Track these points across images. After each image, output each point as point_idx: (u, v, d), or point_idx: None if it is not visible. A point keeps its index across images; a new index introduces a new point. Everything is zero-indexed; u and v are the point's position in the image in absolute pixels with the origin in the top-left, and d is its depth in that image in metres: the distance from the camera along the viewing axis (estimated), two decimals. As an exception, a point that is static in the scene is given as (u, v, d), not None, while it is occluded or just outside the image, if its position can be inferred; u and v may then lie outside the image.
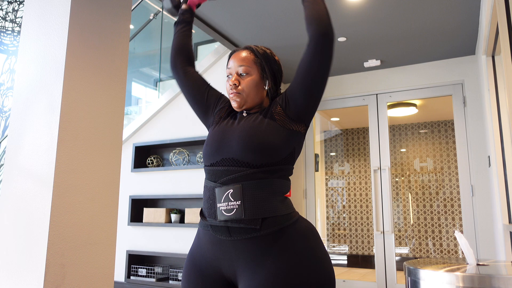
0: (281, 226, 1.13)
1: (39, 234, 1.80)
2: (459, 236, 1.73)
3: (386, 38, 3.80)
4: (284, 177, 1.21)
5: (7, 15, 4.45)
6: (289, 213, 1.16)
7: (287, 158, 1.20)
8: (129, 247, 4.14)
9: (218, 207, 1.16)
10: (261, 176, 1.15)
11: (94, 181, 2.02)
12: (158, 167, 4.22)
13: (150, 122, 4.33)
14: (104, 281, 2.02)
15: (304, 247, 1.12)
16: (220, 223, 1.15)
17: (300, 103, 1.21)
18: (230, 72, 1.30)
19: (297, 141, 1.23)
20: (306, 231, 1.16)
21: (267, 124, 1.20)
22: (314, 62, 1.18)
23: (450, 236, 5.71)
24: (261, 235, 1.11)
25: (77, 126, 1.96)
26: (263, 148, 1.16)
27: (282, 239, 1.12)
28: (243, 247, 1.12)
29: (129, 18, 2.32)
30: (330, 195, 6.56)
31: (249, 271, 1.10)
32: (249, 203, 1.12)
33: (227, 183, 1.16)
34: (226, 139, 1.22)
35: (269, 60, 1.30)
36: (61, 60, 1.94)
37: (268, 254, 1.10)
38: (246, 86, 1.25)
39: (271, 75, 1.29)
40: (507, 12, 2.19)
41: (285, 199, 1.19)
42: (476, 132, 4.03)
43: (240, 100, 1.26)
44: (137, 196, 4.19)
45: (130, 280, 4.04)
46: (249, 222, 1.11)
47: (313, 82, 1.18)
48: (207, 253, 1.19)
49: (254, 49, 1.29)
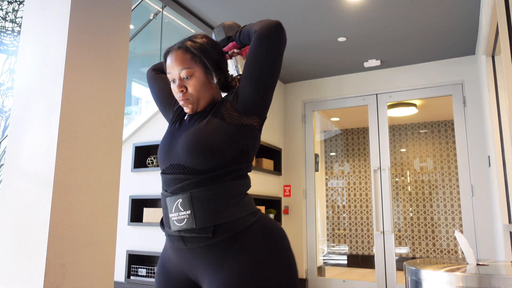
0: (236, 230, 1.09)
1: (39, 234, 1.80)
2: (459, 236, 1.73)
3: (386, 38, 3.80)
4: (239, 178, 1.16)
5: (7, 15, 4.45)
6: (245, 215, 1.12)
7: (237, 157, 1.15)
8: (129, 247, 4.14)
9: (170, 217, 1.14)
10: (209, 182, 1.11)
11: (94, 181, 2.02)
12: (158, 167, 4.22)
13: (150, 122, 4.33)
14: (104, 281, 2.02)
15: (262, 250, 1.09)
16: (174, 232, 1.13)
17: (248, 94, 1.16)
18: (172, 78, 1.21)
19: (249, 136, 1.18)
20: (265, 232, 1.13)
21: (213, 124, 1.16)
22: (257, 55, 1.16)
23: (450, 236, 5.71)
24: (215, 242, 1.09)
25: (77, 126, 1.96)
26: (206, 151, 1.11)
27: (238, 244, 1.09)
28: (199, 255, 1.11)
29: (129, 18, 2.32)
30: (330, 195, 6.56)
31: (208, 277, 1.10)
32: (199, 212, 1.09)
33: (176, 192, 1.13)
34: (173, 143, 1.20)
35: (208, 52, 1.21)
36: (61, 60, 1.94)
37: (224, 260, 1.08)
38: (194, 90, 1.19)
39: (215, 67, 1.22)
40: (507, 12, 2.19)
41: (240, 200, 1.14)
42: (476, 132, 4.03)
43: (192, 106, 1.21)
44: (137, 196, 4.19)
45: (130, 280, 4.04)
46: (201, 231, 1.09)
47: (258, 75, 1.15)
48: (172, 258, 1.20)
49: (189, 46, 1.20)
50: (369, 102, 4.67)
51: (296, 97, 5.05)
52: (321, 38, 3.84)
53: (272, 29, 1.15)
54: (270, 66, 1.16)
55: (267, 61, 1.16)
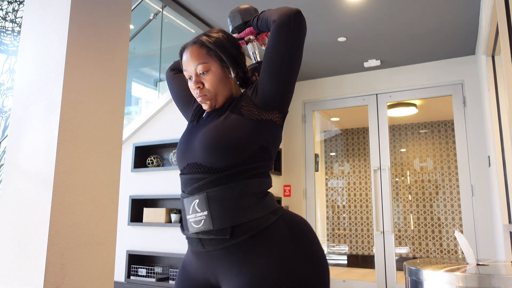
0: (256, 231, 1.04)
1: (39, 234, 1.80)
2: (459, 236, 1.73)
3: (386, 38, 3.80)
4: (259, 176, 1.11)
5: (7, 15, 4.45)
6: (265, 214, 1.07)
7: (257, 154, 1.11)
8: (129, 247, 4.14)
9: (188, 219, 1.10)
10: (227, 181, 1.06)
11: (94, 181, 2.02)
12: (158, 167, 4.22)
13: (150, 122, 4.33)
14: (104, 281, 2.02)
15: (285, 249, 1.04)
16: (193, 235, 1.10)
17: (268, 88, 1.12)
18: (189, 75, 1.18)
19: (270, 131, 1.13)
20: (289, 230, 1.07)
21: (231, 120, 1.12)
22: (277, 46, 1.11)
23: (450, 236, 5.71)
24: (234, 244, 1.04)
25: (77, 126, 1.96)
26: (224, 148, 1.07)
27: (260, 244, 1.04)
28: (219, 258, 1.07)
29: (129, 18, 2.32)
30: (330, 195, 6.56)
31: (229, 280, 1.06)
32: (216, 212, 1.05)
33: (192, 193, 1.09)
34: (191, 141, 1.16)
35: (224, 46, 1.17)
36: (61, 60, 1.94)
37: (245, 262, 1.03)
38: (211, 85, 1.16)
39: (231, 61, 1.17)
40: (507, 12, 2.19)
41: (261, 199, 1.09)
42: (476, 132, 4.03)
43: (210, 102, 1.18)
44: (137, 196, 4.19)
45: (130, 280, 4.04)
46: (218, 233, 1.04)
47: (278, 67, 1.11)
48: (193, 262, 1.16)
49: (205, 40, 1.16)
50: (369, 102, 4.68)
51: (296, 97, 5.05)
52: (321, 38, 3.84)
53: (291, 18, 1.11)
54: (291, 58, 1.11)
55: (287, 53, 1.11)
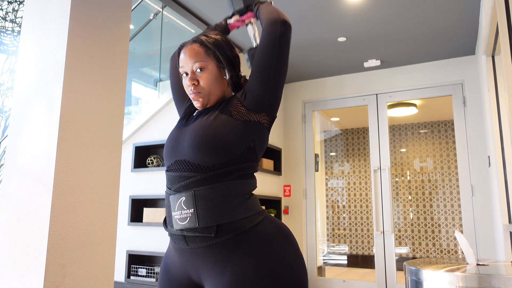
0: (240, 230, 1.07)
1: (39, 234, 1.80)
2: (459, 236, 1.73)
3: (386, 38, 3.80)
4: (244, 177, 1.14)
5: (7, 15, 4.45)
6: (250, 215, 1.10)
7: (244, 155, 1.13)
8: (129, 247, 4.14)
9: (173, 215, 1.12)
10: (214, 180, 1.09)
11: (94, 181, 2.02)
12: (158, 167, 4.22)
13: (150, 122, 4.33)
14: (104, 281, 2.02)
15: (267, 252, 1.06)
16: (177, 231, 1.11)
17: (257, 89, 1.16)
18: (184, 71, 1.21)
19: (257, 133, 1.16)
20: (272, 233, 1.10)
21: (220, 120, 1.14)
22: (265, 51, 1.17)
23: (450, 236, 5.71)
24: (218, 242, 1.06)
25: (77, 126, 1.96)
26: (212, 146, 1.10)
27: (243, 244, 1.07)
28: (202, 255, 1.09)
29: (129, 18, 2.32)
30: (330, 195, 6.56)
31: (212, 278, 1.08)
32: (202, 211, 1.07)
33: (179, 190, 1.11)
34: (179, 139, 1.18)
35: (222, 47, 1.22)
36: (61, 60, 1.94)
37: (227, 261, 1.06)
38: (205, 83, 1.19)
39: (228, 63, 1.22)
40: (507, 12, 2.19)
41: (246, 200, 1.12)
42: (476, 132, 4.03)
43: (203, 100, 1.21)
44: (137, 196, 4.19)
45: (130, 280, 4.04)
46: (203, 230, 1.07)
47: (267, 69, 1.16)
48: (175, 259, 1.18)
49: (204, 40, 1.21)
50: (369, 102, 4.68)
51: (296, 97, 5.05)
52: (321, 38, 3.84)
53: (278, 26, 1.18)
54: (278, 60, 1.17)
55: (275, 56, 1.16)
